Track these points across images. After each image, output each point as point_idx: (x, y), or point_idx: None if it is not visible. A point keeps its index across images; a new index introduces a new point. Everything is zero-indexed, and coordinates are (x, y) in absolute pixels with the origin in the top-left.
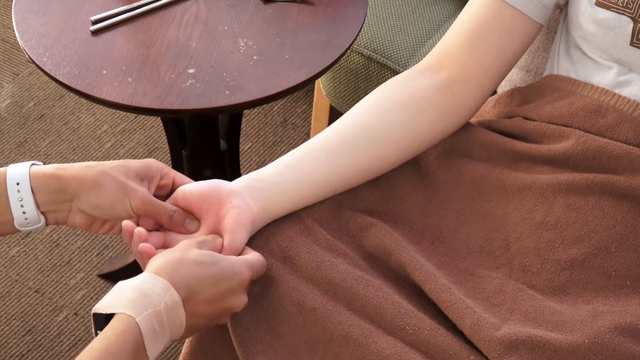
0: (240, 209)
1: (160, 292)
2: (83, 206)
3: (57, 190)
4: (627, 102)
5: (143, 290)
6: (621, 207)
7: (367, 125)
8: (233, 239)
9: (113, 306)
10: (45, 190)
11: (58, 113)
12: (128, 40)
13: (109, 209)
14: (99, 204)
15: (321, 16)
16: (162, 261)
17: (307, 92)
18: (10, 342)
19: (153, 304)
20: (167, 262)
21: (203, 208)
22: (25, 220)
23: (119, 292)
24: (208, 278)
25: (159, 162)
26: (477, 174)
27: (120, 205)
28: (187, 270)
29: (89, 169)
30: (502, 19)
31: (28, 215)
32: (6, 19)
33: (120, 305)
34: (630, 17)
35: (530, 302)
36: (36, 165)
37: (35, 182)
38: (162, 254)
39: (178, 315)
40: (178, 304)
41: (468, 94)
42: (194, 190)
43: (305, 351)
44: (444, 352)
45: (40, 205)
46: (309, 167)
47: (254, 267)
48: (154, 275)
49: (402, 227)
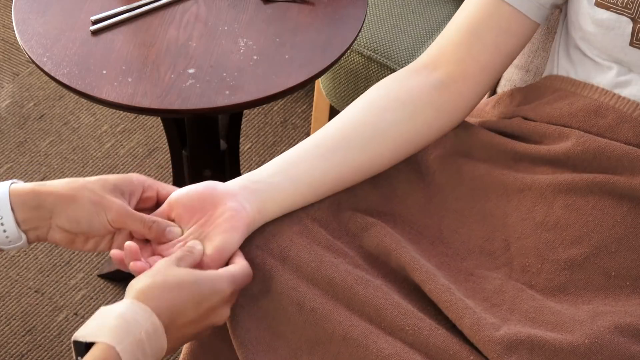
0: (234, 211)
1: (142, 321)
2: (61, 222)
3: (36, 207)
4: (627, 102)
5: (125, 319)
6: (621, 207)
7: (363, 124)
8: (225, 242)
9: (94, 335)
10: (24, 207)
11: (58, 113)
12: (128, 40)
13: (86, 224)
14: (76, 219)
15: (321, 16)
16: (143, 285)
17: (307, 92)
18: (10, 342)
19: (135, 332)
20: (148, 287)
21: (197, 210)
22: (7, 239)
23: (101, 319)
24: (189, 300)
25: (141, 175)
26: (477, 174)
27: (97, 218)
28: (168, 295)
29: (67, 184)
30: (499, 17)
31: (9, 233)
32: (6, 19)
33: (102, 334)
34: (630, 17)
35: (530, 302)
36: (16, 184)
37: (14, 199)
38: (142, 277)
39: (159, 342)
40: (160, 330)
41: (464, 92)
42: (188, 193)
43: (305, 351)
44: (443, 352)
45: (20, 224)
46: (305, 166)
47: (237, 280)
48: (135, 302)
49: (402, 227)
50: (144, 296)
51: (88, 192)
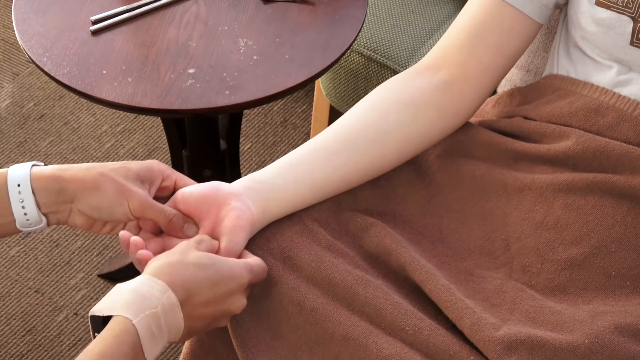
0: (239, 211)
1: (158, 294)
2: (82, 207)
3: (57, 191)
4: (627, 101)
5: (140, 293)
6: (621, 207)
7: (366, 126)
8: (231, 241)
9: (110, 309)
10: (46, 192)
11: (58, 113)
12: (128, 40)
13: (107, 211)
14: (98, 206)
15: (321, 16)
16: (160, 263)
17: (307, 92)
18: (10, 342)
19: (150, 306)
20: (165, 264)
21: (202, 210)
22: (27, 222)
23: (116, 294)
24: (206, 280)
25: (161, 163)
26: (477, 174)
27: (119, 207)
28: (185, 272)
29: (89, 170)
30: (501, 18)
31: (29, 216)
32: (6, 19)
33: (117, 308)
34: (630, 16)
35: (530, 302)
36: (37, 166)
37: (36, 184)
38: (161, 256)
39: (176, 317)
40: (175, 305)
41: (467, 93)
42: (192, 193)
43: (305, 351)
44: (443, 352)
45: (41, 207)
46: (309, 168)
47: (254, 271)
48: (151, 278)
49: (402, 227)
50: (160, 272)
51: (111, 180)
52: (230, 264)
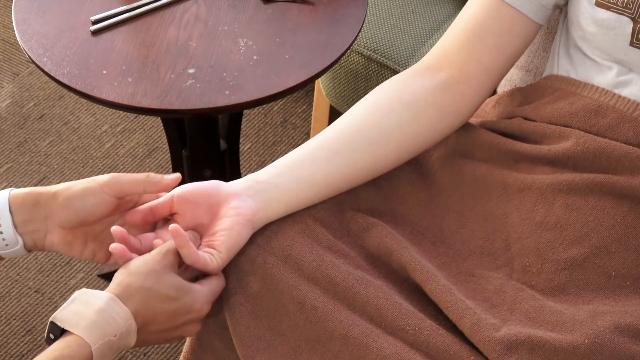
0: (239, 210)
1: (120, 322)
2: (57, 217)
3: (33, 204)
4: (627, 102)
5: (105, 317)
6: (621, 207)
7: (367, 126)
8: (231, 240)
9: (73, 325)
10: (23, 208)
11: (58, 113)
12: (128, 40)
13: (80, 205)
14: (70, 202)
15: (321, 16)
16: (130, 283)
17: (307, 92)
18: (10, 342)
19: (111, 333)
20: (135, 290)
21: (201, 207)
22: (3, 241)
23: (82, 307)
24: (169, 312)
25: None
26: (477, 175)
27: (91, 196)
28: (151, 303)
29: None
30: (501, 18)
31: (5, 235)
32: (6, 19)
33: (80, 327)
34: (630, 17)
35: (530, 302)
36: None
37: (13, 201)
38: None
39: (128, 341)
40: (133, 333)
41: (468, 93)
42: (193, 191)
43: (305, 350)
44: (444, 352)
45: (17, 226)
46: (310, 167)
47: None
48: (118, 302)
49: (403, 228)
50: (128, 297)
51: (80, 182)
52: (195, 297)
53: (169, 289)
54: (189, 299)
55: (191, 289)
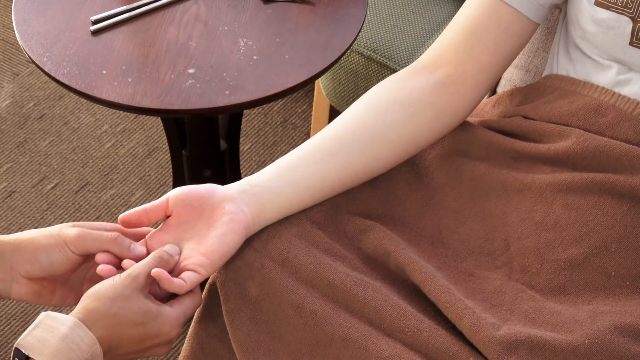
0: (233, 214)
1: (85, 348)
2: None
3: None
4: (627, 101)
5: (69, 344)
6: (621, 207)
7: (362, 127)
8: (223, 245)
9: (37, 352)
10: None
11: (58, 113)
12: (128, 40)
13: (45, 259)
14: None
15: (321, 16)
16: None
17: (307, 92)
18: (10, 342)
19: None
20: (101, 315)
21: (196, 212)
22: None
23: (46, 333)
24: (136, 336)
25: None
26: (476, 174)
27: (56, 251)
28: (117, 329)
29: (25, 234)
30: (498, 18)
31: None
32: (6, 19)
33: (45, 355)
34: (630, 16)
35: (530, 302)
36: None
37: None
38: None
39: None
40: (98, 357)
41: (465, 93)
42: (188, 193)
43: (305, 354)
44: (443, 353)
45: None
46: (305, 170)
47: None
48: (83, 328)
49: (401, 229)
50: (94, 322)
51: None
52: (164, 321)
53: (136, 314)
54: (156, 324)
55: (160, 313)
